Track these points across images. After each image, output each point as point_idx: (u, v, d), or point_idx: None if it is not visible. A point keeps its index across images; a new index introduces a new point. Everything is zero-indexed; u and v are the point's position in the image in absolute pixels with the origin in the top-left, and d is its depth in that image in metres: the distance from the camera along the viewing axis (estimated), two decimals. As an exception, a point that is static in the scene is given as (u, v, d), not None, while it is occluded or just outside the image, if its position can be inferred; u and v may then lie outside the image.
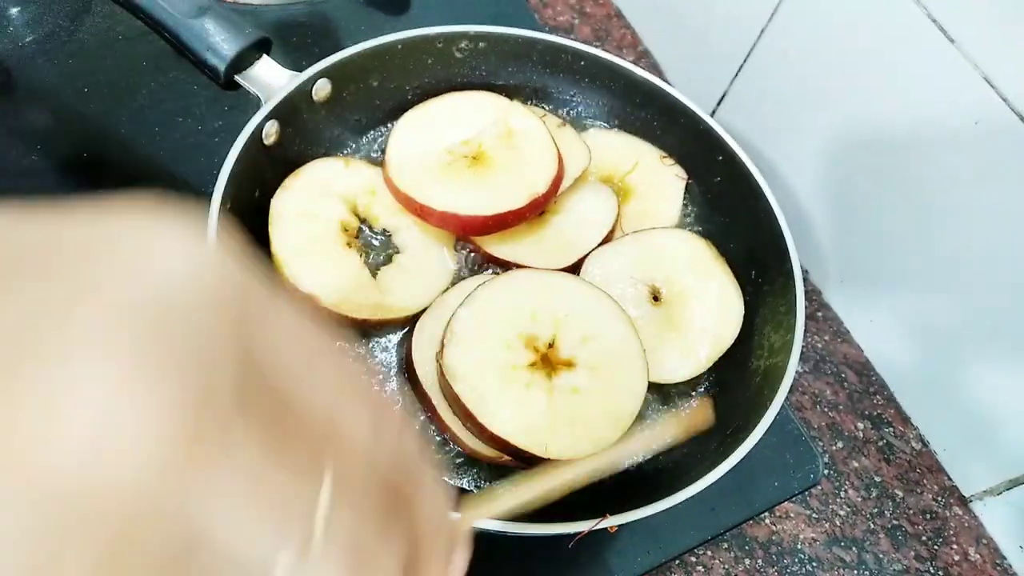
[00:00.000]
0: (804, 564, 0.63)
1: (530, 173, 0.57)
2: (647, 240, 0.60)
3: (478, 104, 0.62)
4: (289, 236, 0.55)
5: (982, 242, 0.61)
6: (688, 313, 0.57)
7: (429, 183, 0.56)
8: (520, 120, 0.61)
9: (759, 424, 0.47)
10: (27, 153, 0.66)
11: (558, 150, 0.59)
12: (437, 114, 0.61)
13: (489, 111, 0.61)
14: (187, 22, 0.53)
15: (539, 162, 0.58)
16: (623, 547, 0.56)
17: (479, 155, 0.59)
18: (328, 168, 0.59)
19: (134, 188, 0.68)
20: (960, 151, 0.60)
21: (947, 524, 0.68)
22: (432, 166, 0.58)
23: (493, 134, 0.60)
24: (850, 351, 0.75)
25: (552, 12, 0.91)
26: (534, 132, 0.60)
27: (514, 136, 0.60)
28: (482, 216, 0.55)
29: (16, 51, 0.72)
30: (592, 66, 0.65)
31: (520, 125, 0.60)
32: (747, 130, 0.78)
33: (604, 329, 0.52)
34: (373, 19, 0.81)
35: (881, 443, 0.70)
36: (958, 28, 0.57)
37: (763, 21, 0.73)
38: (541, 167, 0.58)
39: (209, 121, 0.70)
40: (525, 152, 0.59)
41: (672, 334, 0.56)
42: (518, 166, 0.58)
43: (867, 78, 0.65)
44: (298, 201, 0.56)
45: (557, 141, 0.60)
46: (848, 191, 0.71)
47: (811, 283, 0.78)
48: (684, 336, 0.56)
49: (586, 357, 0.51)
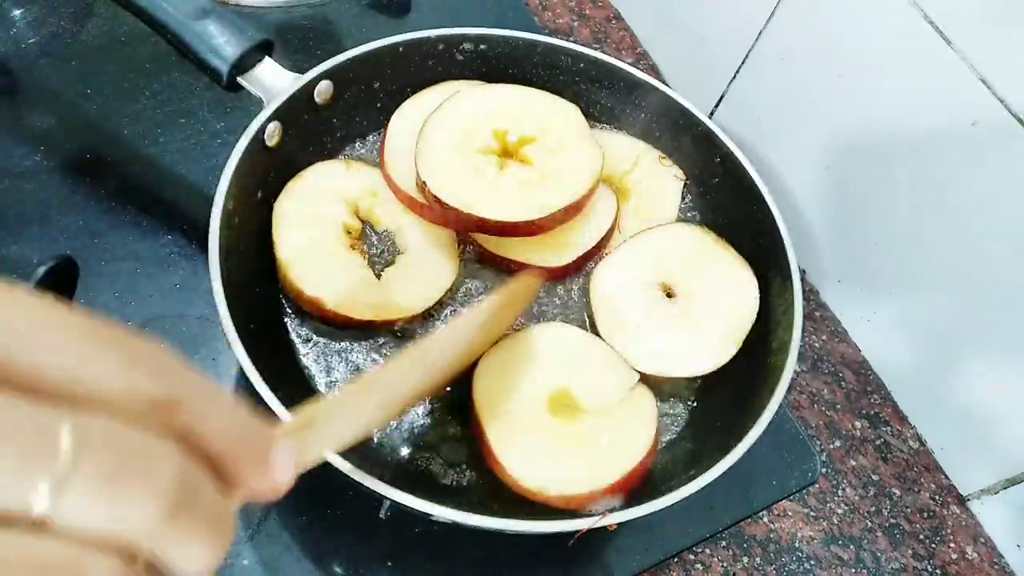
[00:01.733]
0: (802, 562, 0.63)
1: (567, 181, 0.56)
2: (646, 241, 0.60)
3: (495, 98, 0.61)
4: (293, 240, 0.55)
5: (979, 242, 0.61)
6: (704, 302, 0.57)
7: (458, 181, 0.55)
8: (555, 116, 0.60)
9: (757, 423, 0.47)
10: (29, 154, 0.66)
11: (601, 152, 0.58)
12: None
13: (519, 106, 0.60)
14: (189, 24, 0.53)
15: (573, 172, 0.57)
16: (622, 545, 0.56)
17: (512, 150, 0.58)
18: (329, 171, 0.60)
19: (135, 189, 0.69)
20: (957, 152, 0.60)
21: (944, 523, 0.68)
22: (462, 164, 0.57)
23: (521, 130, 0.59)
24: (847, 350, 0.76)
25: (551, 15, 0.92)
26: (574, 134, 0.59)
27: (550, 134, 0.59)
28: (498, 221, 0.54)
29: (19, 52, 0.72)
30: (592, 68, 0.65)
31: (554, 123, 0.59)
32: (745, 131, 0.79)
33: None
34: (374, 21, 0.81)
35: (879, 442, 0.71)
36: (955, 30, 0.57)
37: (761, 23, 0.73)
38: (575, 180, 0.57)
39: (210, 122, 0.70)
40: (561, 156, 0.58)
41: (693, 327, 0.56)
42: (556, 171, 0.57)
43: (864, 79, 0.66)
44: (301, 205, 0.57)
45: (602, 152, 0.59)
46: (845, 191, 0.72)
47: (808, 283, 0.79)
48: (705, 327, 0.56)
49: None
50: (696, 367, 0.55)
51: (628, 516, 0.44)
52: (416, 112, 0.60)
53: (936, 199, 0.63)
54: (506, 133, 0.58)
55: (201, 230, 0.49)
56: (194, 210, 0.66)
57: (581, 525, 0.43)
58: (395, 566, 0.53)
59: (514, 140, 0.58)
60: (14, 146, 0.66)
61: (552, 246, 0.59)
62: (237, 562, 0.52)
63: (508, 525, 0.43)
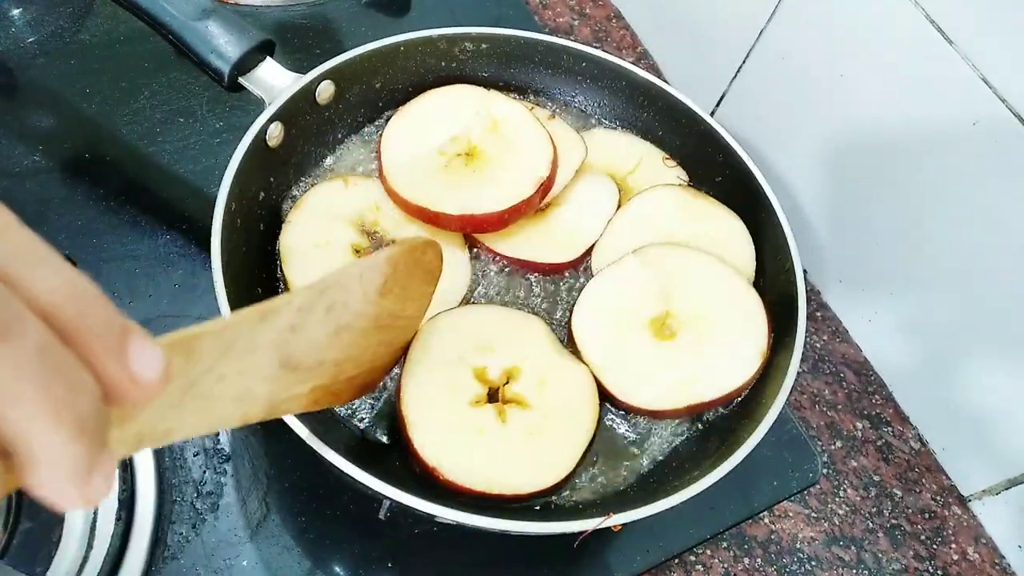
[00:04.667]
0: (803, 563, 0.63)
1: (528, 159, 0.58)
2: (629, 214, 0.60)
3: (456, 98, 0.62)
4: (307, 271, 0.54)
5: (981, 242, 0.61)
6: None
7: (436, 190, 0.56)
8: (501, 108, 0.61)
9: (760, 424, 0.47)
10: (29, 154, 0.66)
11: (546, 130, 0.60)
12: (418, 117, 0.61)
13: (468, 103, 0.62)
14: (191, 24, 0.53)
15: (533, 145, 0.59)
16: (623, 546, 0.56)
17: (472, 151, 0.59)
18: (328, 192, 0.59)
19: (135, 189, 0.69)
20: (959, 151, 0.60)
21: (946, 523, 0.68)
22: (432, 171, 0.58)
23: (479, 127, 0.60)
24: (849, 351, 0.76)
25: (552, 13, 0.92)
26: (518, 118, 0.60)
27: (500, 125, 0.60)
28: (497, 212, 0.55)
29: (18, 52, 0.72)
30: (593, 67, 0.65)
31: (502, 113, 0.61)
32: (745, 131, 0.79)
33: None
34: (374, 20, 0.81)
35: (880, 443, 0.71)
36: (956, 29, 0.57)
37: (762, 22, 0.73)
38: (537, 150, 0.58)
39: (210, 122, 0.70)
40: (516, 139, 0.59)
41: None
42: (514, 154, 0.58)
43: (865, 79, 0.65)
44: (306, 234, 0.56)
45: (551, 134, 0.60)
46: (846, 191, 0.72)
47: (810, 283, 0.79)
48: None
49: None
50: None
51: (632, 517, 0.44)
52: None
53: (937, 199, 0.63)
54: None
55: (201, 230, 0.49)
56: (194, 210, 0.66)
57: (586, 526, 0.43)
58: (395, 566, 0.53)
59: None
60: (13, 146, 0.66)
61: (558, 240, 0.59)
62: (237, 562, 0.52)
63: (511, 526, 0.42)
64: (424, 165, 0.58)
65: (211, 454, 0.55)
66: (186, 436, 0.28)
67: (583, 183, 0.62)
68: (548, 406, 0.50)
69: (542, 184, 0.56)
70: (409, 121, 0.61)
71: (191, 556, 0.51)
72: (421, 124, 0.61)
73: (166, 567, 0.51)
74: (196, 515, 0.53)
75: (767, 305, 0.55)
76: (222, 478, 0.54)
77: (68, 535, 0.49)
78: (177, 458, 0.55)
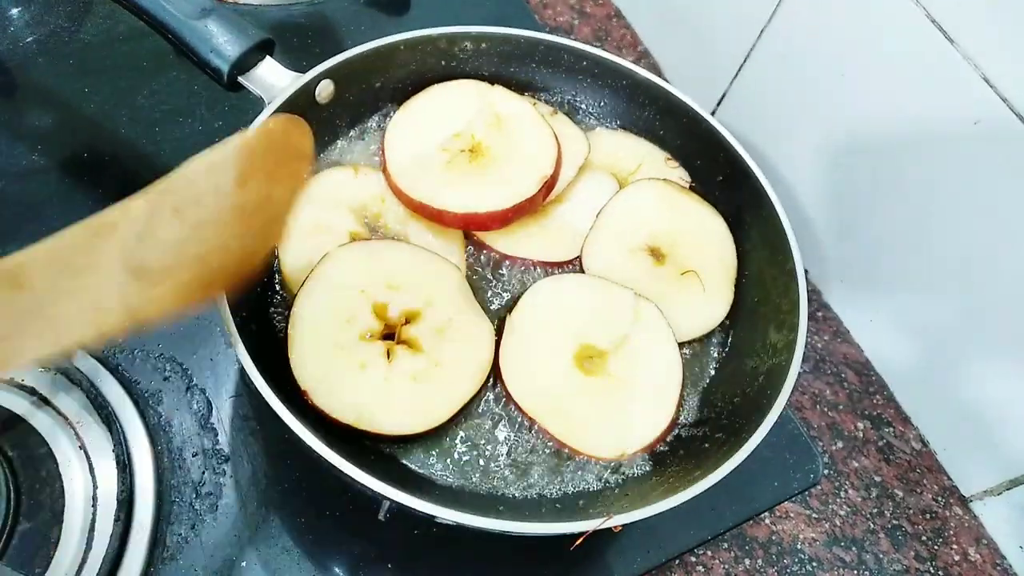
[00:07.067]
0: (804, 564, 0.63)
1: (532, 156, 0.57)
2: (615, 209, 0.60)
3: (460, 93, 0.62)
4: (302, 252, 0.54)
5: (982, 242, 0.61)
6: (687, 254, 0.59)
7: (439, 187, 0.56)
8: (506, 104, 0.61)
9: (762, 425, 0.47)
10: (28, 153, 0.66)
11: (550, 127, 0.59)
12: (422, 112, 0.61)
13: (471, 98, 0.61)
14: (190, 24, 0.53)
15: (537, 143, 0.58)
16: (623, 547, 0.56)
17: (475, 147, 0.59)
18: (338, 177, 0.59)
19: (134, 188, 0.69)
20: (960, 151, 0.60)
21: (947, 524, 0.68)
22: (435, 168, 0.57)
23: (483, 124, 0.60)
24: (850, 351, 0.75)
25: (552, 12, 0.92)
26: (522, 114, 0.60)
27: (504, 122, 0.60)
28: (500, 210, 0.55)
29: (17, 51, 0.72)
30: (594, 66, 0.65)
31: (507, 110, 0.60)
32: (746, 131, 0.78)
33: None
34: (373, 19, 0.81)
35: (881, 443, 0.71)
36: (958, 28, 0.57)
37: (763, 22, 0.73)
38: (541, 148, 0.58)
39: (210, 121, 0.70)
40: (520, 136, 0.59)
41: (684, 282, 0.58)
42: (518, 152, 0.58)
43: (866, 78, 0.65)
44: (309, 215, 0.56)
45: (554, 130, 0.60)
46: (847, 190, 0.71)
47: (811, 283, 0.79)
48: (695, 281, 0.58)
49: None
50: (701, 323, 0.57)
51: (632, 518, 0.43)
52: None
53: (939, 198, 0.63)
54: None
55: (201, 230, 0.48)
56: (193, 209, 0.65)
57: (586, 527, 0.43)
58: (395, 567, 0.53)
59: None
60: (12, 145, 0.66)
61: (559, 238, 0.59)
62: (236, 563, 0.52)
63: (511, 526, 0.42)
64: (427, 161, 0.58)
65: (210, 455, 0.55)
66: (36, 358, 0.28)
67: (585, 181, 0.62)
68: (440, 355, 0.50)
69: (546, 182, 0.56)
70: (413, 116, 0.61)
71: (190, 557, 0.51)
72: (425, 120, 0.61)
73: (165, 568, 0.51)
74: (195, 516, 0.53)
75: (768, 305, 0.55)
76: (221, 479, 0.54)
77: (67, 536, 0.49)
78: (176, 459, 0.54)
